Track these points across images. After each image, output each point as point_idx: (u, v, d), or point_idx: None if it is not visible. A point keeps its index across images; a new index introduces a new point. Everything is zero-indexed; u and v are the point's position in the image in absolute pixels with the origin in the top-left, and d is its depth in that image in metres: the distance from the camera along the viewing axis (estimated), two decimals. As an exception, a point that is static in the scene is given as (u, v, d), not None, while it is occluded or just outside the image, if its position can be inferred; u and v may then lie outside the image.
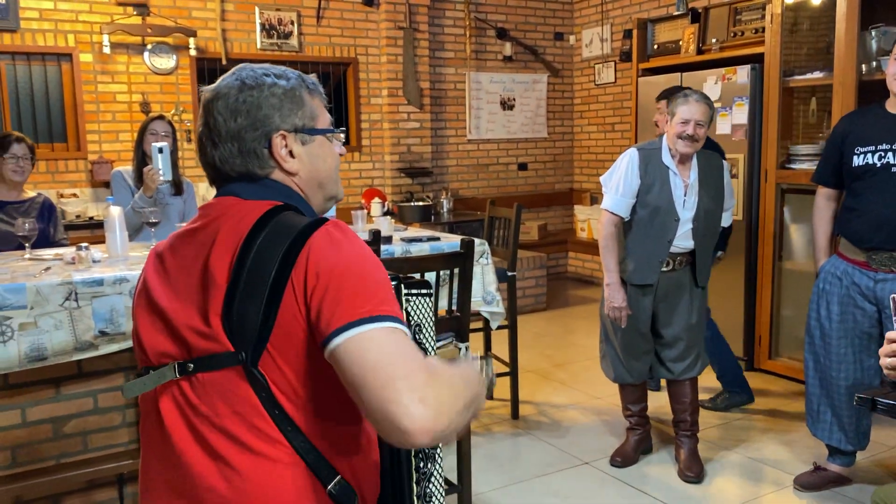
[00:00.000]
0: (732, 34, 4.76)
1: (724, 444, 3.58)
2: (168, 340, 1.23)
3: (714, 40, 4.83)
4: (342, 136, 1.36)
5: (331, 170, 1.33)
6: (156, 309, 1.25)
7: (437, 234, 3.66)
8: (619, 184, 3.11)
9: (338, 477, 1.20)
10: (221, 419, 1.17)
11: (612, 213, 3.13)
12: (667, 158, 3.11)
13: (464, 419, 1.08)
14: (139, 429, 1.33)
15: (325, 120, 1.32)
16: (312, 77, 1.33)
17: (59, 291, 2.40)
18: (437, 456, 1.37)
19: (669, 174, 3.09)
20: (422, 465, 1.33)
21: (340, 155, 1.36)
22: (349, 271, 1.11)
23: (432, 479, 1.36)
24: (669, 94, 4.16)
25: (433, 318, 1.35)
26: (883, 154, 2.82)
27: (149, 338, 1.26)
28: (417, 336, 1.35)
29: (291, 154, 1.27)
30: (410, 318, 1.35)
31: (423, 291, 1.34)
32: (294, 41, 6.10)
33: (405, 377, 1.01)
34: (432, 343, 1.38)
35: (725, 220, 3.32)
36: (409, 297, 1.32)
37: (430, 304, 1.36)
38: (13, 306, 2.32)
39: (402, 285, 1.29)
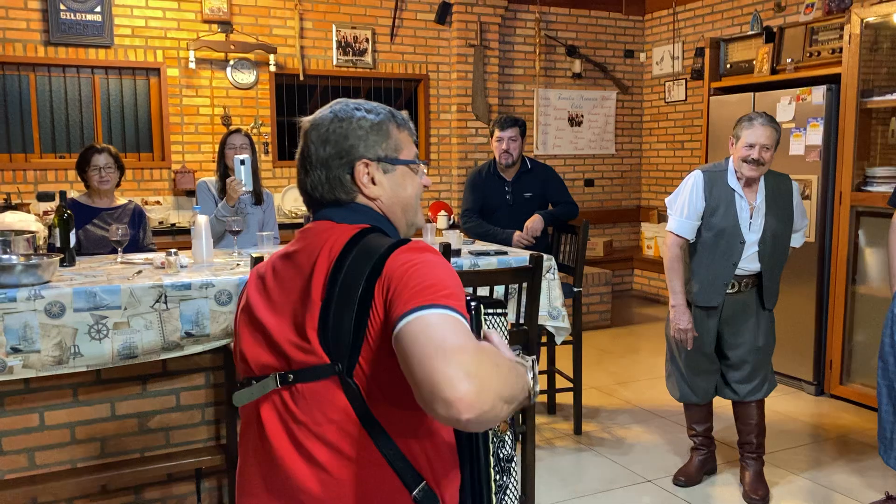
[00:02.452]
0: (808, 54, 4.69)
1: (791, 468, 3.53)
2: (269, 354, 1.33)
3: (789, 60, 4.77)
4: (424, 168, 1.45)
5: (410, 197, 1.41)
6: (257, 325, 1.35)
7: (504, 248, 3.72)
8: (683, 206, 3.12)
9: (423, 483, 1.26)
10: (318, 426, 1.25)
11: (676, 235, 3.14)
12: (732, 181, 3.10)
13: (507, 409, 1.08)
14: (238, 434, 1.43)
15: (410, 152, 1.41)
16: (404, 113, 1.42)
17: (150, 294, 2.56)
18: (511, 470, 1.43)
19: (735, 197, 3.08)
20: (497, 477, 1.39)
21: (425, 186, 1.44)
22: (420, 271, 1.18)
23: (507, 491, 1.43)
24: (498, 122, 4.23)
25: (507, 336, 1.42)
26: None
27: (251, 351, 1.36)
28: None
29: (373, 181, 1.36)
30: None
31: (500, 311, 1.41)
32: (368, 58, 6.28)
33: (455, 353, 1.03)
34: None
35: (797, 241, 3.29)
36: (487, 317, 1.38)
37: (506, 323, 1.43)
38: (109, 306, 2.49)
39: (482, 306, 1.35)
